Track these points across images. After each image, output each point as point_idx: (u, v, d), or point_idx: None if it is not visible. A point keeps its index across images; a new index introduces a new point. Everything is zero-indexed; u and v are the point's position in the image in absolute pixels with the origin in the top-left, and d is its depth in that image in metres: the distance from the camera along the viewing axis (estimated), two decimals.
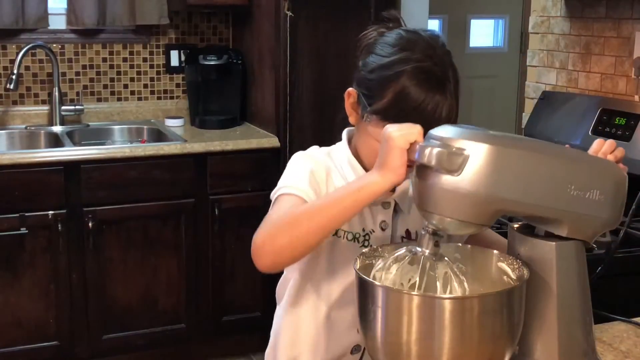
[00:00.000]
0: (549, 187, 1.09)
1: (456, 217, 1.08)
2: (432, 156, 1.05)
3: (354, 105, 1.32)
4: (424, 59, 1.25)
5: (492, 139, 1.07)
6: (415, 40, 1.27)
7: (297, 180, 1.28)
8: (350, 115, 1.33)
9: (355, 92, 1.31)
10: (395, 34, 1.31)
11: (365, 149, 1.32)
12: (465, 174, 1.04)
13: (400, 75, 1.23)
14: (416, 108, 1.22)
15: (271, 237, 1.17)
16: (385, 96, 1.24)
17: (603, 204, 1.13)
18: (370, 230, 1.34)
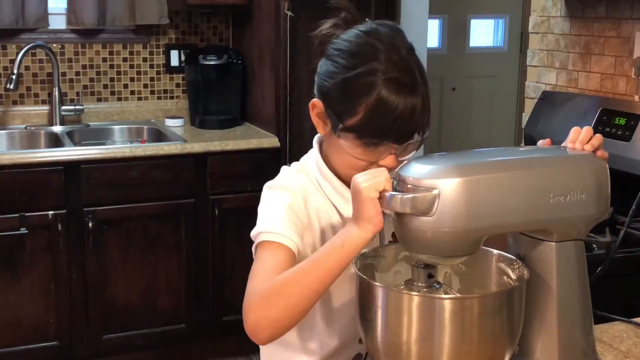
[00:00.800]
0: (527, 203, 1.08)
1: (440, 254, 1.09)
2: (402, 204, 1.05)
3: (320, 115, 1.27)
4: (392, 68, 1.19)
5: (460, 170, 1.05)
6: (377, 45, 1.21)
7: (276, 222, 1.23)
8: (317, 125, 1.28)
9: (320, 103, 1.26)
10: (353, 38, 1.24)
11: (340, 163, 1.28)
12: (440, 213, 1.04)
13: (371, 90, 1.18)
14: (394, 121, 1.19)
15: (264, 313, 1.13)
16: (357, 112, 1.20)
17: (586, 201, 1.12)
18: None
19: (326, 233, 1.29)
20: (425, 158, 1.11)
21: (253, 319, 1.14)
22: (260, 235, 1.24)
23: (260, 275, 1.19)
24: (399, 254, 1.22)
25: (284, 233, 1.22)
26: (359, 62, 1.20)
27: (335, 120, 1.23)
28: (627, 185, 1.85)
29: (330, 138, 1.28)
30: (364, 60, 1.20)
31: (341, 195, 1.30)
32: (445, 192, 1.04)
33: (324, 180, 1.30)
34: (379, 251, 1.22)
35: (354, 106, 1.20)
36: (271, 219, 1.25)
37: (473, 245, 1.10)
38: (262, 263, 1.21)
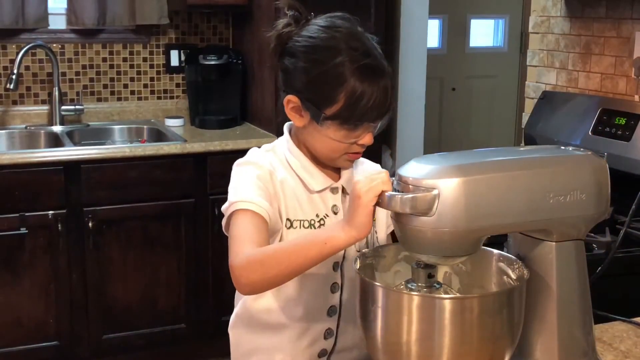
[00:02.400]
0: (527, 203, 1.08)
1: (440, 254, 1.09)
2: (402, 204, 1.05)
3: (296, 109, 1.35)
4: (359, 56, 1.29)
5: (460, 170, 1.05)
6: (340, 36, 1.31)
7: (247, 192, 1.32)
8: (293, 118, 1.36)
9: (296, 98, 1.33)
10: (316, 33, 1.33)
11: (322, 146, 1.36)
12: (440, 213, 1.04)
13: (346, 79, 1.28)
14: (372, 104, 1.29)
15: (246, 272, 1.24)
16: (337, 101, 1.29)
17: (586, 201, 1.12)
18: (324, 215, 1.38)
19: (289, 202, 1.36)
20: (425, 158, 1.11)
21: (237, 273, 1.25)
22: (234, 205, 1.31)
23: (244, 237, 1.28)
24: (399, 254, 1.23)
25: (255, 201, 1.30)
26: (328, 56, 1.30)
27: (316, 112, 1.31)
28: (627, 185, 1.85)
29: (308, 128, 1.36)
30: (333, 53, 1.30)
31: (307, 170, 1.39)
32: (445, 192, 1.04)
33: (292, 157, 1.39)
34: (379, 251, 1.23)
35: (333, 96, 1.29)
36: (243, 191, 1.33)
37: (473, 245, 1.10)
38: (243, 227, 1.29)
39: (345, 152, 1.35)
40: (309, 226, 1.37)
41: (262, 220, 1.30)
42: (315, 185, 1.38)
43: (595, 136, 2.54)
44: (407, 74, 3.85)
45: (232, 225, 1.32)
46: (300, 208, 1.37)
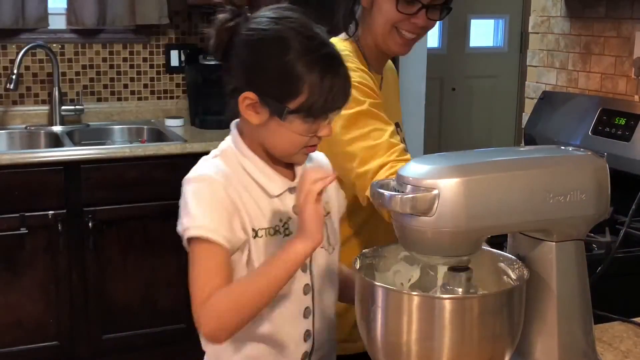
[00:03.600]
0: (527, 203, 1.08)
1: (440, 254, 1.09)
2: (402, 204, 1.05)
3: (252, 106, 1.28)
4: (318, 46, 1.27)
5: (460, 170, 1.05)
6: (294, 27, 1.27)
7: (203, 217, 1.26)
8: (249, 117, 1.29)
9: (252, 94, 1.27)
10: (267, 26, 1.28)
11: (282, 142, 1.30)
12: (440, 213, 1.04)
13: (308, 70, 1.24)
14: (336, 93, 1.26)
15: (221, 326, 1.24)
16: (300, 92, 1.24)
17: (586, 201, 1.12)
18: (287, 219, 1.34)
19: (251, 211, 1.30)
20: (425, 158, 1.11)
21: (210, 331, 1.25)
22: (189, 231, 1.27)
23: (205, 280, 1.25)
24: (399, 254, 1.22)
25: (215, 228, 1.25)
26: (284, 48, 1.25)
27: (278, 107, 1.26)
28: (627, 185, 1.85)
29: (268, 124, 1.29)
30: (288, 45, 1.25)
31: (264, 173, 1.33)
32: (445, 192, 1.04)
33: (247, 161, 1.33)
34: (379, 251, 1.23)
35: (295, 89, 1.25)
36: (198, 215, 1.27)
37: (473, 245, 1.10)
38: (203, 266, 1.26)
39: (305, 145, 1.30)
40: (275, 233, 1.32)
41: (222, 250, 1.26)
42: (275, 189, 1.32)
43: (595, 136, 2.54)
44: (407, 74, 3.85)
45: (191, 259, 1.27)
46: (263, 215, 1.31)
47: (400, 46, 1.68)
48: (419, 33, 1.67)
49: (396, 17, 1.63)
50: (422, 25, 1.64)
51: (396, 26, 1.64)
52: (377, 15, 1.66)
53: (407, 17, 1.63)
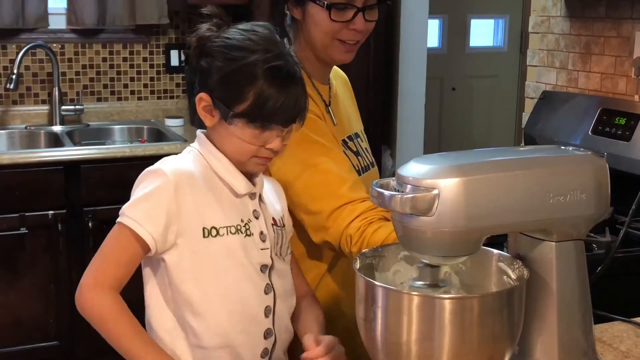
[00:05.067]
0: (527, 203, 1.08)
1: (440, 254, 1.09)
2: (402, 204, 1.05)
3: (207, 108, 1.34)
4: (272, 59, 1.31)
5: (460, 170, 1.05)
6: (256, 39, 1.34)
7: (140, 210, 1.32)
8: (204, 118, 1.35)
9: (207, 96, 1.33)
10: (234, 35, 1.37)
11: (231, 150, 1.35)
12: (440, 213, 1.04)
13: (256, 79, 1.29)
14: (280, 108, 1.29)
15: (91, 318, 1.48)
16: (246, 99, 1.29)
17: (586, 201, 1.12)
18: (247, 220, 1.37)
19: (211, 210, 1.33)
20: (425, 158, 1.11)
21: (82, 310, 1.49)
22: (123, 217, 1.34)
23: (108, 265, 1.40)
24: (399, 254, 1.22)
25: (143, 223, 1.31)
26: (241, 55, 1.31)
27: (225, 109, 1.31)
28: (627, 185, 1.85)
29: (218, 128, 1.35)
30: (246, 52, 1.31)
31: (231, 173, 1.36)
32: (445, 192, 1.04)
33: (215, 160, 1.36)
34: (379, 251, 1.22)
35: (242, 94, 1.29)
36: (138, 206, 1.32)
37: (473, 245, 1.10)
38: (115, 251, 1.38)
39: (254, 155, 1.33)
40: (236, 232, 1.35)
41: (140, 246, 1.33)
42: (241, 188, 1.36)
43: (595, 136, 2.54)
44: (407, 74, 3.85)
45: (109, 235, 1.37)
46: (224, 214, 1.34)
47: (343, 53, 1.60)
48: (360, 38, 1.59)
49: (332, 27, 1.55)
50: (361, 29, 1.56)
51: (335, 36, 1.56)
52: (312, 27, 1.58)
53: (344, 25, 1.55)
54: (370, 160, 1.74)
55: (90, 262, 1.38)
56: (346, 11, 1.54)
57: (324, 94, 1.65)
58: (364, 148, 1.73)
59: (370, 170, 1.72)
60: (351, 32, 1.56)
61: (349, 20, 1.54)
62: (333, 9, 1.53)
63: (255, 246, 1.37)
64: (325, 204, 1.48)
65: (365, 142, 1.76)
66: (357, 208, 1.47)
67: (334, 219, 1.47)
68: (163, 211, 1.30)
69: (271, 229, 1.41)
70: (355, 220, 1.46)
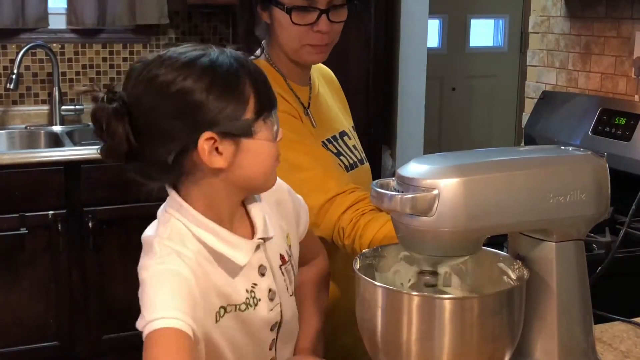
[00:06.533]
0: (527, 203, 1.08)
1: (440, 254, 1.09)
2: (402, 204, 1.05)
3: (215, 144, 1.11)
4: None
5: (460, 170, 1.05)
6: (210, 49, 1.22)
7: (167, 306, 1.12)
8: (216, 163, 1.12)
9: (211, 133, 1.10)
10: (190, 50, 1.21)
11: (263, 161, 1.15)
12: (440, 213, 1.04)
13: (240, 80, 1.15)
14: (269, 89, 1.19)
15: None
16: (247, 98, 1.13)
17: (586, 201, 1.12)
18: (252, 285, 1.18)
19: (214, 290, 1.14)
20: (425, 158, 1.11)
21: None
22: (152, 323, 1.12)
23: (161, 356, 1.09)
24: (399, 254, 1.22)
25: (180, 317, 1.09)
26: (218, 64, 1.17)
27: (241, 126, 1.11)
28: (627, 185, 1.85)
29: (236, 158, 1.13)
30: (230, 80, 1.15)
31: (224, 239, 1.16)
32: (445, 192, 1.04)
33: (201, 231, 1.16)
34: (379, 251, 1.23)
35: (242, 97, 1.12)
36: (162, 305, 1.13)
37: (473, 245, 1.10)
38: (160, 347, 1.12)
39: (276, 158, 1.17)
40: (246, 308, 1.17)
41: (188, 340, 1.07)
42: (242, 258, 1.16)
43: (595, 136, 2.55)
44: (407, 74, 3.85)
45: (148, 349, 1.11)
46: (234, 290, 1.16)
47: (314, 55, 1.56)
48: (329, 40, 1.54)
49: (297, 30, 1.50)
50: (326, 31, 1.51)
51: (302, 41, 1.52)
52: (279, 30, 1.53)
53: (309, 28, 1.51)
54: (360, 157, 1.71)
55: None
56: (308, 13, 1.50)
57: (302, 96, 1.61)
58: (352, 145, 1.69)
59: (359, 167, 1.68)
60: (317, 36, 1.52)
61: (312, 23, 1.50)
62: (294, 12, 1.49)
63: (264, 311, 1.20)
64: (314, 199, 1.45)
65: (353, 139, 1.72)
66: (347, 199, 1.46)
67: (324, 213, 1.46)
68: (192, 303, 1.11)
69: (279, 274, 1.23)
70: (347, 212, 1.45)
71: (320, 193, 1.47)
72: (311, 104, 1.63)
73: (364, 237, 1.40)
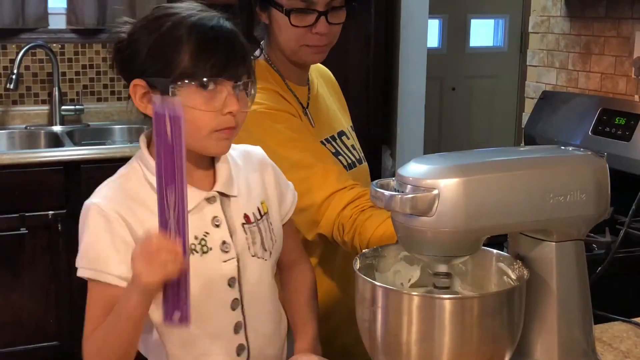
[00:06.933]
0: (527, 203, 1.08)
1: (440, 254, 1.09)
2: (402, 204, 1.05)
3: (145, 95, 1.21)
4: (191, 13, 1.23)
5: (460, 170, 1.05)
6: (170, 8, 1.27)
7: (97, 256, 1.28)
8: (146, 109, 1.21)
9: (141, 81, 1.20)
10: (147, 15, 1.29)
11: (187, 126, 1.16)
12: (440, 213, 1.04)
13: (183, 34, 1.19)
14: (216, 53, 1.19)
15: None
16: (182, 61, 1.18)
17: (586, 202, 1.12)
18: (203, 234, 1.23)
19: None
20: (425, 158, 1.11)
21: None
22: (82, 271, 1.29)
23: (91, 317, 1.30)
24: (399, 254, 1.23)
25: (110, 271, 1.24)
26: (161, 22, 1.22)
27: (164, 83, 1.17)
28: (627, 185, 1.85)
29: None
30: (165, 18, 1.23)
31: None
32: (445, 192, 1.04)
33: (152, 176, 1.20)
34: (379, 251, 1.23)
35: (176, 57, 1.17)
36: (92, 253, 1.29)
37: (473, 245, 1.10)
38: (92, 304, 1.30)
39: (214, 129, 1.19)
40: (192, 253, 1.20)
41: (112, 289, 1.23)
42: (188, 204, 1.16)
43: (595, 136, 2.55)
44: (407, 74, 3.85)
45: (88, 297, 1.30)
46: None
47: (312, 55, 1.57)
48: (327, 41, 1.56)
49: (295, 32, 1.52)
50: (325, 32, 1.52)
51: (300, 42, 1.53)
52: (277, 31, 1.55)
53: (307, 29, 1.52)
54: (358, 157, 1.72)
55: (85, 328, 1.34)
56: (307, 15, 1.51)
57: (301, 97, 1.62)
58: (350, 145, 1.70)
59: (357, 167, 1.69)
60: (315, 37, 1.53)
61: (311, 25, 1.51)
62: (292, 14, 1.50)
63: (216, 261, 1.23)
64: (315, 196, 1.46)
65: (352, 139, 1.73)
66: (347, 196, 1.46)
67: (324, 209, 1.47)
68: (120, 247, 1.24)
69: (240, 230, 1.26)
70: (347, 208, 1.45)
71: (321, 190, 1.47)
72: (310, 104, 1.64)
73: (363, 234, 1.41)
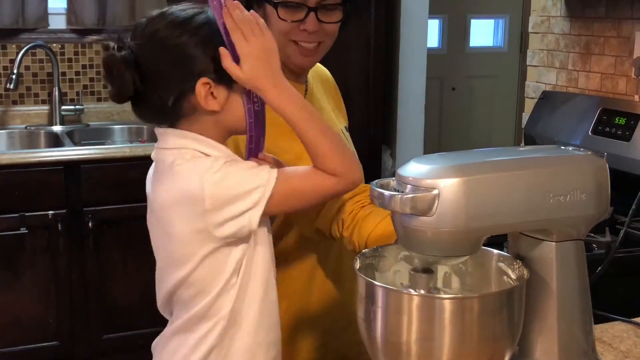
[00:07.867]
0: (527, 203, 1.08)
1: (440, 254, 1.09)
2: (402, 204, 1.05)
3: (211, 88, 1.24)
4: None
5: (460, 170, 1.05)
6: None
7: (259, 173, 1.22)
8: (212, 105, 1.24)
9: (206, 79, 1.23)
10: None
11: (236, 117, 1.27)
12: (440, 213, 1.04)
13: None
14: None
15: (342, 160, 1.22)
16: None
17: (586, 201, 1.12)
18: None
19: None
20: (425, 158, 1.11)
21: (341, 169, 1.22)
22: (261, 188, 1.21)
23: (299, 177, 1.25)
24: (399, 254, 1.23)
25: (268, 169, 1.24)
26: (193, 21, 1.25)
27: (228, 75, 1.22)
28: (627, 185, 1.85)
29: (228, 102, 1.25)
30: (191, 18, 1.26)
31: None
32: (445, 192, 1.04)
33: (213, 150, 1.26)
34: (379, 251, 1.23)
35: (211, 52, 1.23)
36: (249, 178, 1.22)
37: (473, 245, 1.10)
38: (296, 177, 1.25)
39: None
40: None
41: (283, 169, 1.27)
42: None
43: (595, 136, 2.55)
44: (407, 74, 3.85)
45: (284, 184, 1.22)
46: None
47: (300, 57, 1.52)
48: (319, 41, 1.51)
49: (283, 26, 1.48)
50: (313, 30, 1.48)
51: (288, 37, 1.49)
52: (270, 27, 1.46)
53: (295, 25, 1.48)
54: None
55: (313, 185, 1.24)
56: (297, 11, 1.48)
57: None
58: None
59: None
60: (303, 34, 1.49)
61: (300, 21, 1.48)
62: (280, 8, 1.48)
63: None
64: None
65: (345, 139, 1.69)
66: None
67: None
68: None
69: None
70: (347, 203, 1.45)
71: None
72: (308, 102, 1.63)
73: (363, 230, 1.40)
